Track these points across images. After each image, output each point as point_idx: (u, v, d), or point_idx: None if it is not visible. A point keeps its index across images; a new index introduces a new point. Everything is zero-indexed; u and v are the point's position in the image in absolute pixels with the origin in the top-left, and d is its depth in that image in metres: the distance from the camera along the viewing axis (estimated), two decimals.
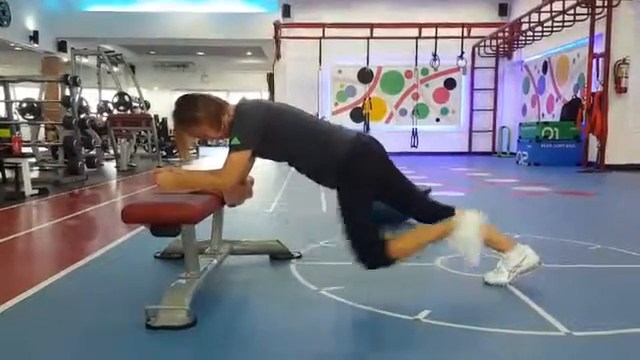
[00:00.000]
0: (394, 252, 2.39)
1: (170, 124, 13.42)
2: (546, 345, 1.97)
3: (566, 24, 11.11)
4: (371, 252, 2.40)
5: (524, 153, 11.80)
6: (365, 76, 15.24)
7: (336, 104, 16.26)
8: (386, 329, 2.10)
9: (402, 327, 2.11)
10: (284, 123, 2.49)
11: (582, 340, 1.99)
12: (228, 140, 2.43)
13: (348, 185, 2.43)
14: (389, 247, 2.38)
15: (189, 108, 2.50)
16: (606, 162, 10.04)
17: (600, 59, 10.21)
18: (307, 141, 2.47)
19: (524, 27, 13.24)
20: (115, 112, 12.32)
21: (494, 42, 15.21)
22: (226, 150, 2.44)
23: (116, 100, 12.60)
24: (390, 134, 15.10)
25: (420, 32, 14.26)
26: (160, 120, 14.78)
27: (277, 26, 14.77)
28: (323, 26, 14.09)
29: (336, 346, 2.00)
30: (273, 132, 2.43)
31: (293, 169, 2.60)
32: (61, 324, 2.17)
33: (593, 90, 10.28)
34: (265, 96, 18.71)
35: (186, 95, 2.57)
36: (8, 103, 8.47)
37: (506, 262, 2.55)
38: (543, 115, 13.79)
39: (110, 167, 10.48)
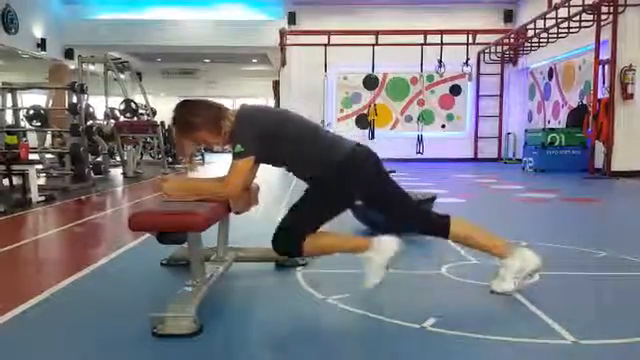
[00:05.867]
0: (305, 247, 2.42)
1: None
2: (552, 353, 1.96)
3: (572, 30, 11.11)
4: (293, 244, 2.44)
5: (530, 159, 11.77)
6: (370, 82, 15.24)
7: (341, 110, 16.28)
8: (392, 337, 2.10)
9: (408, 335, 2.11)
10: (284, 127, 2.50)
11: (589, 349, 1.98)
12: (231, 147, 2.45)
13: (334, 185, 2.46)
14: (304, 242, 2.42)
15: (187, 114, 2.51)
16: (612, 169, 9.98)
17: (606, 65, 10.19)
18: (306, 145, 2.49)
19: (529, 33, 13.23)
20: (122, 119, 12.35)
21: (499, 48, 15.21)
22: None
23: (123, 107, 12.64)
24: (395, 140, 15.17)
25: (425, 39, 14.26)
26: (166, 127, 14.83)
27: (283, 33, 14.82)
28: (328, 33, 14.12)
29: (342, 354, 1.99)
30: (273, 136, 2.45)
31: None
32: (66, 331, 2.18)
33: (599, 96, 10.26)
34: (271, 103, 18.75)
35: (184, 101, 2.59)
36: (15, 110, 8.52)
37: (507, 269, 2.53)
38: (549, 121, 13.77)
39: (117, 174, 10.51)
